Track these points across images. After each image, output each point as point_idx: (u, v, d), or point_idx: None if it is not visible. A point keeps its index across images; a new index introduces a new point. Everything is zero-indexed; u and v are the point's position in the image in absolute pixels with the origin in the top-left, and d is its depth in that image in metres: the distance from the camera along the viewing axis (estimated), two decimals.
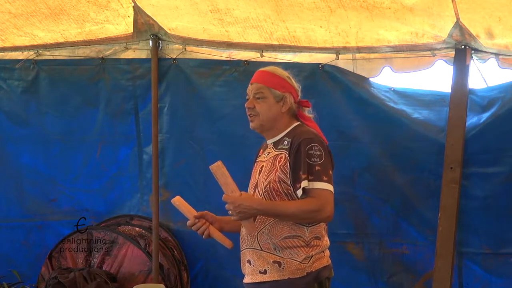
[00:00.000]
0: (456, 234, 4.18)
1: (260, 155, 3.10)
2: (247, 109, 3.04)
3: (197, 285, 4.93)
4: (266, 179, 2.93)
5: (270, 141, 3.04)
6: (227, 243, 2.99)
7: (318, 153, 2.84)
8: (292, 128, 3.00)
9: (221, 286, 4.86)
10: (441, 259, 4.15)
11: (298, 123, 3.03)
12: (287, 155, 2.89)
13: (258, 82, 3.05)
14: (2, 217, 5.12)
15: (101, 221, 5.02)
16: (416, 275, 4.45)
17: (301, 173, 2.82)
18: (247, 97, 3.07)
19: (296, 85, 3.08)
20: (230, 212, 2.85)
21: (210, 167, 2.88)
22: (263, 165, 3.00)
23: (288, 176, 2.87)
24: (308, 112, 3.10)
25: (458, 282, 4.33)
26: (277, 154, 2.94)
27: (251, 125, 3.05)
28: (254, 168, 3.09)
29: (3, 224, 5.12)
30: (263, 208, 2.86)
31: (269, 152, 3.01)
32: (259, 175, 2.99)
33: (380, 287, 4.51)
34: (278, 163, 2.91)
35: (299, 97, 3.07)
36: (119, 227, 4.92)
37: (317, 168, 2.82)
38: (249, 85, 3.07)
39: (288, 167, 2.88)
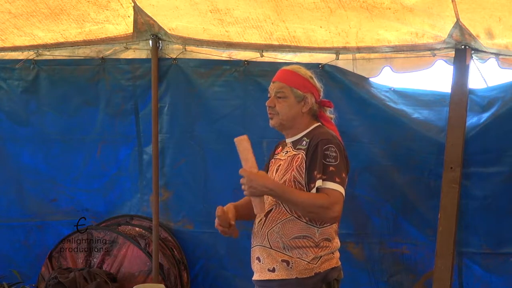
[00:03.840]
0: (456, 234, 4.18)
1: (278, 153, 3.10)
2: (267, 107, 3.04)
3: (197, 285, 4.93)
4: (282, 178, 2.94)
5: (289, 140, 3.05)
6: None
7: (333, 154, 2.85)
8: (312, 129, 3.00)
9: (221, 286, 4.86)
10: (441, 259, 4.15)
11: (318, 124, 3.04)
12: (304, 155, 2.90)
13: (280, 81, 3.04)
14: (2, 217, 5.12)
15: (101, 221, 5.02)
16: (416, 275, 4.45)
17: (315, 172, 2.83)
18: (268, 95, 3.06)
19: (318, 85, 3.07)
20: (243, 187, 2.85)
21: (235, 139, 2.87)
22: (280, 164, 3.00)
23: (303, 176, 2.88)
24: (329, 113, 3.10)
25: (458, 282, 4.33)
26: (295, 154, 2.95)
27: (271, 122, 3.05)
28: (271, 164, 3.10)
29: (3, 224, 5.12)
30: (275, 189, 2.85)
31: (287, 151, 3.02)
32: (276, 173, 3.00)
33: (380, 287, 4.51)
34: (295, 163, 2.92)
35: (320, 97, 3.07)
36: (119, 227, 4.92)
37: (331, 168, 2.83)
38: (271, 83, 3.06)
39: (304, 167, 2.89)
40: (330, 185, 2.82)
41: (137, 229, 4.93)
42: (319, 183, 2.81)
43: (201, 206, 4.85)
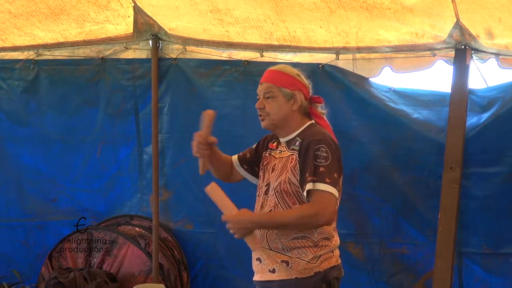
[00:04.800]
0: (456, 234, 4.18)
1: (273, 148, 3.09)
2: (257, 109, 3.04)
3: (197, 285, 4.93)
4: (277, 179, 2.95)
5: (283, 140, 3.05)
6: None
7: (324, 154, 2.84)
8: (305, 128, 3.01)
9: (221, 286, 4.86)
10: (441, 259, 4.15)
11: (311, 122, 3.04)
12: (297, 156, 2.90)
13: (267, 81, 3.05)
14: (2, 217, 5.12)
15: (101, 221, 5.02)
16: (416, 275, 4.45)
17: (307, 174, 2.83)
18: (257, 97, 3.07)
19: (307, 82, 3.08)
20: (231, 231, 2.87)
21: (205, 189, 2.93)
22: (275, 163, 3.00)
23: (298, 178, 2.89)
24: (321, 108, 3.11)
25: (458, 282, 4.33)
26: (289, 155, 2.95)
27: (262, 124, 3.05)
28: (265, 159, 3.09)
29: (3, 224, 5.12)
30: (261, 220, 2.90)
31: (281, 151, 3.02)
32: (271, 173, 3.00)
33: (380, 287, 4.51)
34: (289, 164, 2.92)
35: (310, 94, 3.07)
36: (119, 227, 4.92)
37: (321, 169, 2.82)
38: (259, 85, 3.08)
39: (298, 168, 2.89)
40: (321, 186, 2.81)
41: (137, 229, 4.93)
42: (309, 186, 2.81)
43: (201, 206, 4.84)
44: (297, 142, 2.94)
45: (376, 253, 4.50)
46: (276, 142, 3.11)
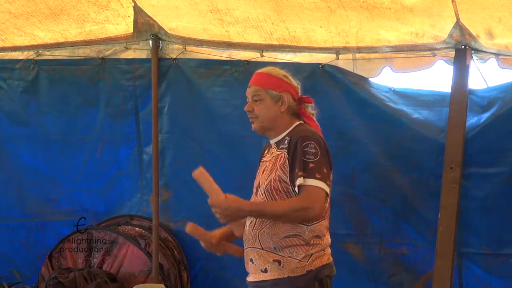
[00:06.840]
0: (456, 234, 4.18)
1: (264, 156, 3.12)
2: (247, 112, 3.06)
3: (197, 285, 4.93)
4: (267, 178, 2.96)
5: (272, 141, 3.07)
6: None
7: (313, 150, 2.86)
8: (293, 128, 3.02)
9: (221, 286, 4.86)
10: (441, 259, 4.15)
11: (299, 122, 3.05)
12: (286, 154, 2.91)
13: (255, 84, 3.08)
14: (2, 217, 5.12)
15: (101, 221, 5.03)
16: (416, 275, 4.45)
17: (296, 170, 2.85)
18: (247, 100, 3.08)
19: (295, 82, 3.09)
20: (217, 215, 2.88)
21: (193, 173, 2.94)
22: (266, 165, 3.03)
23: (288, 175, 2.89)
24: (311, 109, 3.12)
25: (458, 282, 4.33)
26: (278, 154, 2.97)
27: (253, 127, 3.08)
28: (259, 168, 3.11)
29: (3, 224, 5.12)
30: (250, 208, 2.90)
31: (272, 152, 3.03)
32: (262, 174, 3.02)
33: (380, 287, 4.51)
34: (279, 162, 2.93)
35: (299, 94, 3.08)
36: (119, 227, 4.92)
37: (311, 165, 2.84)
38: (247, 88, 3.10)
39: (287, 165, 2.90)
40: (311, 181, 2.82)
41: (137, 229, 4.93)
42: (300, 180, 2.83)
43: (201, 206, 4.82)
44: (286, 141, 2.96)
45: (376, 254, 4.50)
46: (267, 150, 3.13)
